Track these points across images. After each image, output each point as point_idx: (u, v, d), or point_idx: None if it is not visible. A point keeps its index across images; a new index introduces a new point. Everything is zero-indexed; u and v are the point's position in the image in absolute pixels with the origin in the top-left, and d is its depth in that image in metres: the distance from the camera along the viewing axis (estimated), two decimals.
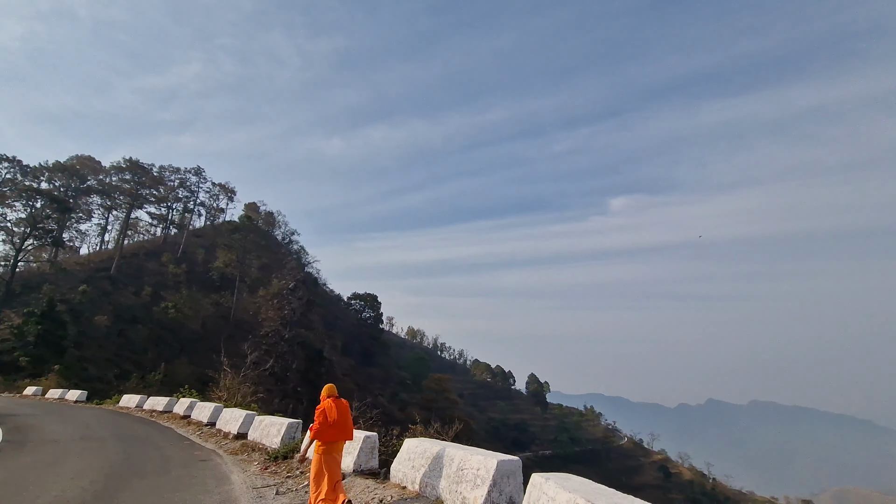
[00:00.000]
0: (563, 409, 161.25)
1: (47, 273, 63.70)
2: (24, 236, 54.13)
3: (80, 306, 54.98)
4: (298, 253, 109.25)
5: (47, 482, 8.94)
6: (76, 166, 77.80)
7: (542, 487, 4.40)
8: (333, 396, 7.01)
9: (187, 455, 12.12)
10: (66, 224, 66.92)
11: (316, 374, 67.07)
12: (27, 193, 57.33)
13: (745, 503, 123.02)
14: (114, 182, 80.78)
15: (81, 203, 75.67)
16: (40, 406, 25.77)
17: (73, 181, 74.54)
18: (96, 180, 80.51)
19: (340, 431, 6.76)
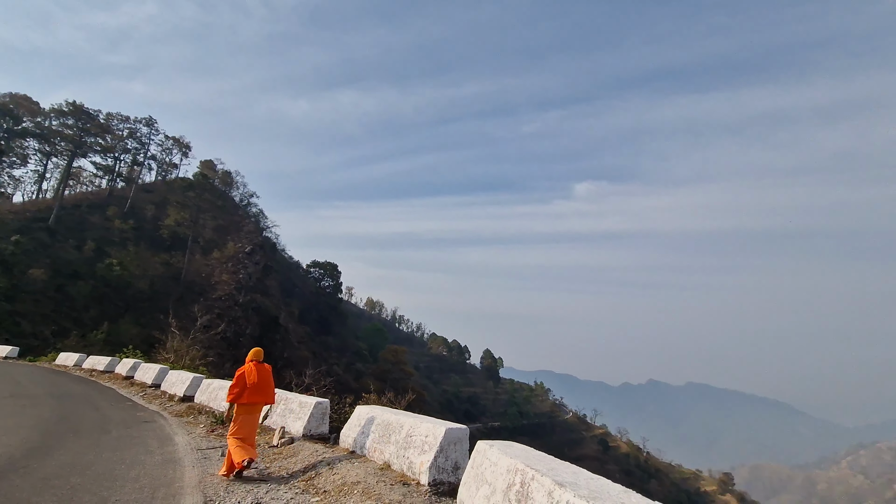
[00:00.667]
0: (515, 385, 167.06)
1: None
2: None
3: (12, 257, 51.06)
4: (257, 216, 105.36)
5: None
6: (10, 105, 70.79)
7: (486, 453, 4.58)
8: (256, 361, 7.18)
9: (129, 415, 11.76)
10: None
11: (270, 341, 66.07)
12: None
13: (673, 474, 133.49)
14: (54, 126, 74.20)
15: (15, 146, 69.35)
16: None
17: (5, 121, 67.97)
18: (33, 123, 73.64)
19: (258, 394, 6.96)
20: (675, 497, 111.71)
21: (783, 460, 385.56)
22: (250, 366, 7.12)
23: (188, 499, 5.72)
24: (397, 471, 6.24)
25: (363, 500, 5.36)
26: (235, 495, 5.90)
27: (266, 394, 7.11)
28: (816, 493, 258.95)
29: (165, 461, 7.48)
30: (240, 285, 65.37)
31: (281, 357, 65.28)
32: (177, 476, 6.68)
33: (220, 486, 6.24)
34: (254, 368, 7.08)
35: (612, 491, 3.10)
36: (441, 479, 5.73)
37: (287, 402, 9.52)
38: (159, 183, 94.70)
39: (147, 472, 6.83)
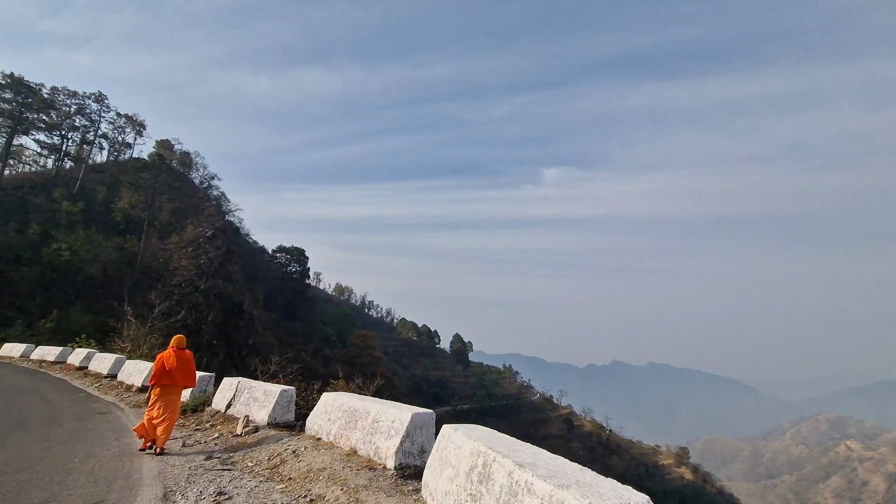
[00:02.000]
0: (484, 368, 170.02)
1: None
2: None
3: None
4: (218, 199, 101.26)
5: None
6: None
7: (451, 437, 4.66)
8: (177, 347, 7.86)
9: (82, 407, 11.28)
10: None
11: (234, 328, 64.53)
12: None
13: (633, 450, 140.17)
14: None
15: None
16: None
17: None
18: None
19: (176, 378, 7.65)
20: (635, 471, 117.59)
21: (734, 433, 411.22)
22: (170, 351, 7.77)
23: (147, 490, 5.57)
24: (364, 456, 6.27)
25: (329, 486, 5.37)
26: (198, 485, 5.79)
27: (186, 378, 7.79)
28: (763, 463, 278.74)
29: (122, 453, 7.25)
30: (200, 271, 63.14)
31: (246, 344, 63.92)
32: (135, 468, 6.49)
33: (180, 477, 6.11)
34: (173, 354, 7.71)
35: (569, 469, 3.24)
36: (407, 463, 5.81)
37: (251, 390, 9.36)
38: (111, 163, 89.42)
39: (102, 464, 6.60)
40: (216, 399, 10.19)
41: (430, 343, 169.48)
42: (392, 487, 5.25)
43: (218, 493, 5.50)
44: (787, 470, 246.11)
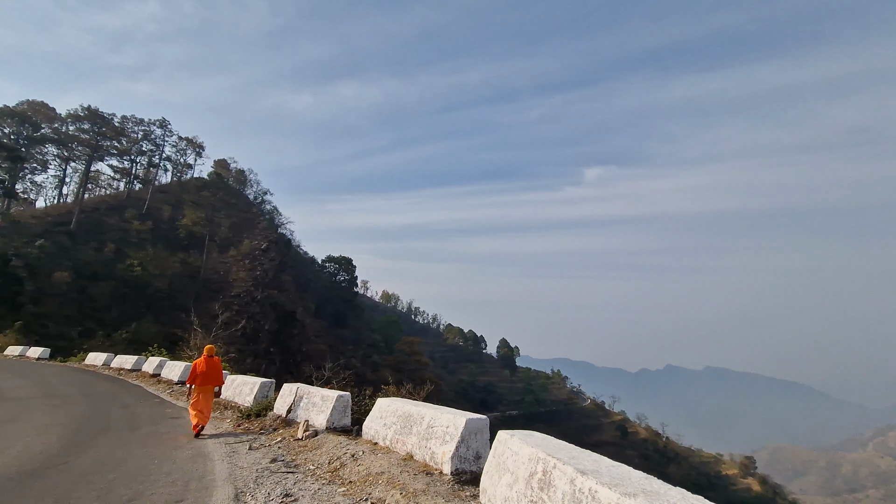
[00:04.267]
0: (531, 373, 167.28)
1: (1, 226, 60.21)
2: None
3: (36, 261, 52.57)
4: (271, 213, 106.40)
5: (10, 437, 8.83)
6: (27, 112, 72.39)
7: (507, 443, 4.66)
8: (207, 356, 9.77)
9: (157, 412, 12.14)
10: (18, 174, 62.90)
11: (288, 336, 67.15)
12: None
13: (692, 458, 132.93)
14: (71, 131, 75.74)
15: (35, 152, 70.98)
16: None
17: (24, 128, 69.58)
18: (51, 128, 75.26)
19: (207, 380, 9.57)
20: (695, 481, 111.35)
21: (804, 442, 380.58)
22: (201, 359, 9.67)
23: (220, 491, 5.93)
24: (420, 461, 6.37)
25: (388, 490, 5.49)
26: (265, 487, 6.09)
27: (215, 379, 9.77)
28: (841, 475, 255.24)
29: (195, 455, 7.73)
30: (256, 282, 66.39)
31: (299, 351, 66.33)
32: (207, 469, 6.91)
33: (249, 479, 6.45)
34: (204, 361, 9.63)
35: (634, 477, 3.16)
36: (463, 469, 5.85)
37: (309, 396, 9.73)
38: (174, 183, 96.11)
39: (178, 466, 7.07)
40: (277, 404, 10.67)
41: (476, 348, 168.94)
42: (450, 492, 5.30)
43: (284, 494, 5.76)
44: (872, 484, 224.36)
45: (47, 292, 49.86)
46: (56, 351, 32.02)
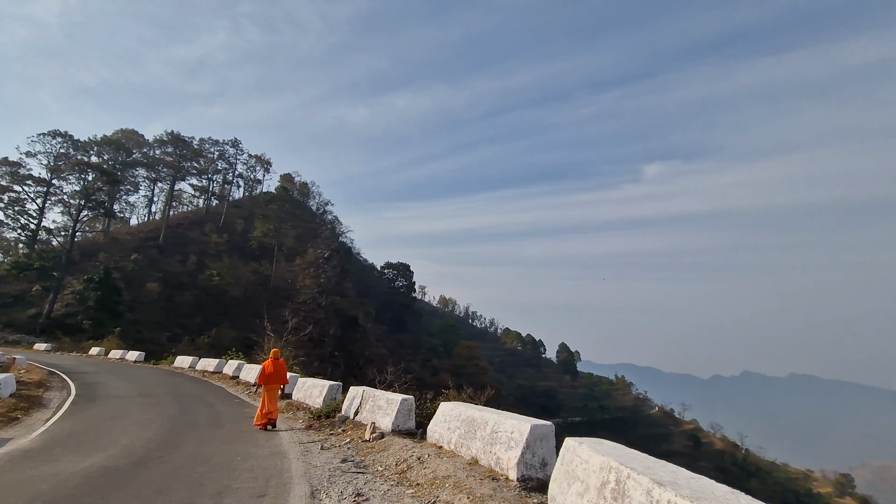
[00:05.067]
0: (593, 378, 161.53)
1: (101, 243, 67.70)
2: (79, 208, 57.38)
3: (132, 273, 58.47)
4: (332, 223, 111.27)
5: (116, 432, 9.89)
6: (122, 140, 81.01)
7: (576, 451, 4.57)
8: (273, 358, 11.18)
9: (238, 412, 13.06)
10: (116, 196, 70.44)
11: (351, 340, 69.56)
12: (80, 167, 60.39)
13: (777, 474, 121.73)
14: (157, 155, 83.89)
15: (129, 175, 79.16)
16: (104, 365, 28.03)
17: (119, 154, 77.86)
18: (141, 153, 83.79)
19: (274, 380, 10.97)
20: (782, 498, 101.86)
21: None
22: (269, 361, 11.18)
23: (297, 488, 6.29)
24: (485, 466, 6.39)
25: (455, 494, 5.56)
26: (338, 485, 6.38)
27: (281, 379, 11.14)
28: None
29: (273, 453, 8.25)
30: (321, 289, 69.53)
31: (362, 355, 68.49)
32: (284, 467, 7.35)
33: (322, 477, 6.78)
34: (272, 363, 11.10)
35: (718, 491, 2.98)
36: (529, 476, 5.79)
37: (375, 399, 10.05)
38: (246, 198, 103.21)
39: (259, 463, 7.58)
40: (345, 406, 11.12)
41: (534, 353, 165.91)
42: (516, 499, 5.28)
43: (356, 494, 6.00)
44: None
45: (141, 301, 55.23)
46: (149, 354, 35.35)
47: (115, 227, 79.26)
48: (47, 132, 61.42)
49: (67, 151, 63.31)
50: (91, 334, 44.26)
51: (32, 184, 59.10)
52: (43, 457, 7.85)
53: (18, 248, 65.31)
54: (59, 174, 59.52)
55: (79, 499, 5.71)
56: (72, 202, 59.49)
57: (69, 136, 64.00)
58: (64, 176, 59.95)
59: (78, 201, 58.07)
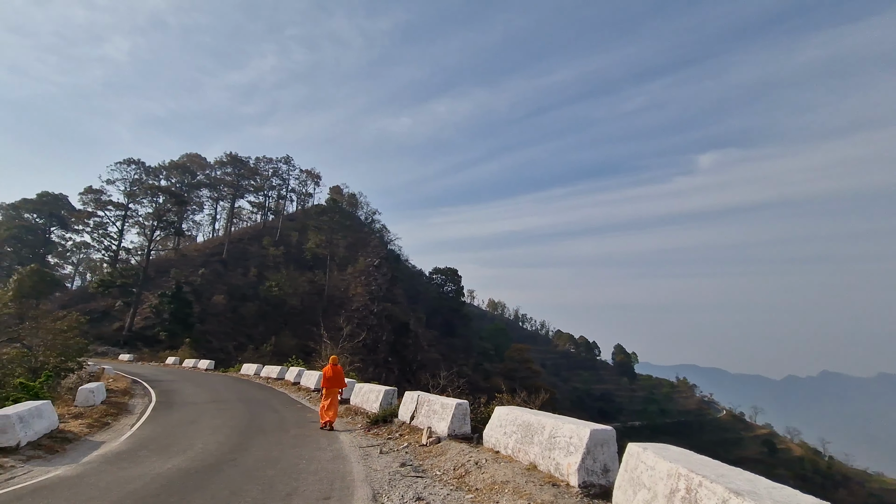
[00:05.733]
0: (653, 381, 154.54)
1: (173, 259, 73.13)
2: (152, 228, 62.41)
3: (200, 287, 62.65)
4: (380, 231, 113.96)
5: (192, 436, 10.62)
6: (186, 163, 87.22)
7: (640, 456, 4.40)
8: (332, 364, 12.23)
9: (300, 417, 13.63)
10: (183, 216, 75.87)
11: (403, 346, 70.65)
12: (151, 191, 65.67)
13: (870, 483, 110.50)
14: (218, 175, 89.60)
15: (194, 196, 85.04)
16: (179, 373, 30.18)
17: (185, 177, 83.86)
18: (204, 175, 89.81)
19: (333, 384, 11.94)
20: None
21: None
22: (328, 367, 12.22)
23: (359, 490, 6.49)
24: (544, 471, 6.28)
25: (515, 499, 5.52)
26: (398, 489, 6.51)
27: (339, 383, 12.08)
28: None
29: (335, 457, 8.55)
30: (372, 296, 71.23)
31: (415, 360, 69.37)
32: (346, 470, 7.59)
33: (383, 481, 6.94)
34: (330, 368, 12.12)
35: (804, 503, 2.76)
36: (591, 482, 5.63)
37: (430, 403, 10.16)
38: (299, 212, 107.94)
39: (323, 466, 7.88)
40: (401, 411, 11.32)
41: (588, 355, 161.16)
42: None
43: (416, 498, 6.10)
44: None
45: (209, 312, 59.00)
46: (219, 363, 37.66)
47: (183, 244, 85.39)
48: (123, 161, 67.22)
49: (140, 177, 68.96)
50: (167, 344, 47.82)
51: (112, 208, 65.04)
52: (131, 459, 8.58)
53: (103, 267, 71.87)
54: (134, 198, 64.99)
55: (164, 498, 6.19)
56: (146, 223, 64.78)
57: (141, 163, 69.74)
58: (138, 200, 65.38)
59: (151, 222, 63.16)
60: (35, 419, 9.53)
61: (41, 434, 9.58)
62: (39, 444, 9.19)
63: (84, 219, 66.39)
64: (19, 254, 72.37)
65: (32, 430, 9.28)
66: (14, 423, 8.76)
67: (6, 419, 8.73)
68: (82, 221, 67.00)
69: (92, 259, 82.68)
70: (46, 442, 9.44)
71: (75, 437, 10.48)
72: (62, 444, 9.73)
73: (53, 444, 9.51)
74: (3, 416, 8.75)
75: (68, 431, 10.69)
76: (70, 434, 10.54)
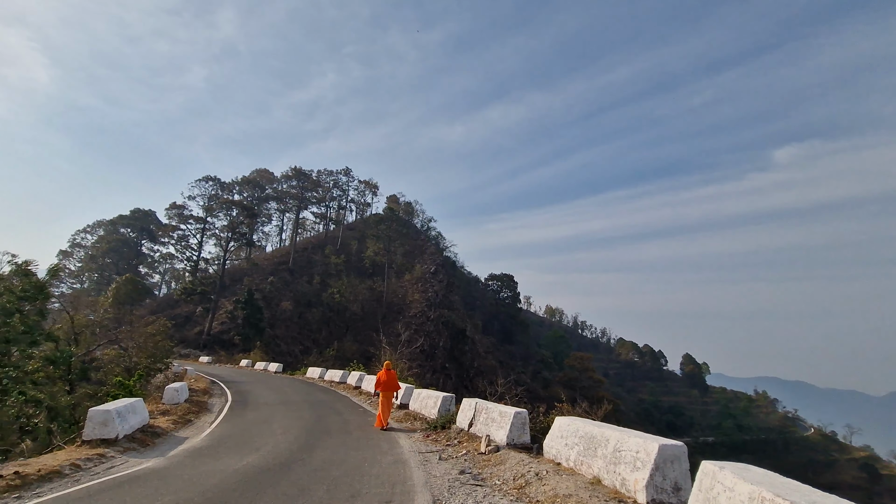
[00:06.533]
0: (727, 393, 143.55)
1: (245, 268, 78.39)
2: (227, 240, 67.40)
3: (269, 294, 66.59)
4: (436, 238, 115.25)
5: (266, 435, 11.28)
6: (256, 178, 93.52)
7: (717, 476, 4.12)
8: (386, 369, 13.17)
9: (363, 420, 14.05)
10: (254, 227, 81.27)
11: (460, 352, 70.79)
12: (226, 205, 71.04)
13: None
14: (284, 189, 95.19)
15: (263, 209, 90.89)
16: (251, 375, 32.18)
17: (255, 191, 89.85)
18: (271, 188, 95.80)
19: (388, 387, 12.82)
20: None
21: None
22: (382, 371, 13.14)
23: (420, 496, 6.57)
24: (609, 486, 6.04)
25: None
26: (458, 496, 6.52)
27: (393, 387, 12.97)
28: None
29: (396, 461, 8.72)
30: (429, 302, 72.12)
31: (472, 367, 69.24)
32: (407, 475, 7.71)
33: (443, 487, 6.99)
34: (384, 372, 12.99)
35: None
36: (661, 500, 5.34)
37: (488, 411, 10.11)
38: (358, 221, 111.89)
39: (384, 469, 8.07)
40: (459, 418, 11.35)
41: (654, 364, 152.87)
42: None
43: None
44: None
45: (278, 318, 62.51)
46: (286, 365, 39.73)
47: (254, 254, 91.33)
48: (202, 178, 73.33)
49: (217, 193, 74.80)
50: (240, 348, 51.22)
51: (193, 222, 71.10)
52: (211, 454, 9.27)
53: (185, 276, 78.52)
54: (211, 212, 70.57)
55: (240, 493, 6.62)
56: (221, 235, 70.06)
57: (217, 180, 75.66)
58: (215, 213, 70.91)
59: (226, 234, 68.24)
60: (130, 414, 10.56)
61: (135, 428, 10.59)
62: (133, 438, 10.17)
63: (169, 232, 73.15)
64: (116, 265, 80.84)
65: (128, 424, 10.28)
66: (114, 418, 9.76)
67: (108, 414, 9.75)
68: (168, 234, 73.84)
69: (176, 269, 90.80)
70: (139, 436, 10.42)
71: (163, 432, 11.49)
72: (152, 438, 10.71)
73: (145, 437, 10.49)
74: (105, 411, 9.79)
75: (157, 427, 11.74)
76: (158, 429, 11.58)
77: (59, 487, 6.97)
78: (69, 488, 6.92)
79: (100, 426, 9.62)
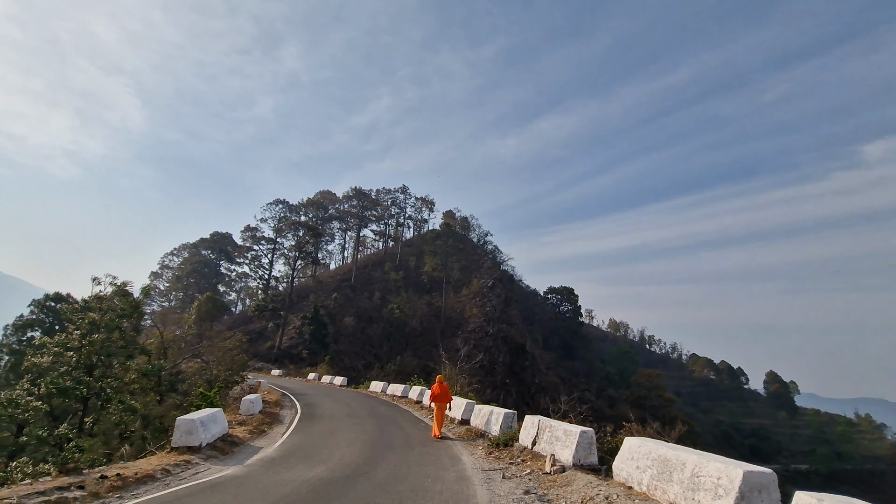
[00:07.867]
0: (822, 416, 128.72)
1: (311, 286, 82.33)
2: (295, 259, 71.34)
3: (333, 310, 69.30)
4: (493, 253, 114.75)
5: (333, 447, 11.66)
6: (320, 200, 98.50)
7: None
8: (439, 382, 14.09)
9: (424, 435, 14.13)
10: (319, 246, 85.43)
11: (520, 368, 69.37)
12: (293, 226, 75.36)
13: None
14: (345, 208, 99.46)
15: (327, 228, 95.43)
16: (317, 388, 33.46)
17: (319, 212, 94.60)
18: (334, 209, 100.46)
19: (441, 399, 13.85)
20: None
21: None
22: (436, 384, 14.08)
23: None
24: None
25: None
26: None
27: (446, 399, 13.97)
28: None
29: (459, 478, 8.67)
30: (487, 317, 71.61)
31: (532, 383, 67.55)
32: (470, 493, 7.63)
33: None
34: (438, 385, 13.96)
35: None
36: None
37: (552, 429, 9.81)
38: (416, 237, 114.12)
39: (447, 486, 8.04)
40: (521, 435, 11.09)
41: (733, 383, 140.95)
42: None
43: None
44: None
45: (342, 333, 64.80)
46: (350, 379, 40.93)
47: (319, 272, 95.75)
48: (272, 202, 78.43)
49: (285, 215, 79.58)
50: (308, 362, 53.54)
51: (265, 243, 76.04)
52: (283, 464, 9.73)
53: (258, 294, 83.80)
54: (280, 233, 75.12)
55: (311, 503, 6.88)
56: (289, 254, 74.24)
57: (286, 203, 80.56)
58: (284, 234, 75.40)
59: (294, 253, 72.24)
60: (212, 424, 11.36)
61: (216, 437, 11.37)
62: (215, 446, 10.92)
63: (244, 253, 78.70)
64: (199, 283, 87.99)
65: (210, 433, 11.06)
66: (198, 427, 10.55)
67: (192, 423, 10.56)
68: (242, 255, 79.53)
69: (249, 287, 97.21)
70: (220, 444, 11.17)
71: (240, 442, 12.23)
72: (231, 446, 11.43)
73: (225, 446, 11.22)
74: (190, 421, 10.61)
75: (235, 436, 12.52)
76: (236, 439, 12.34)
77: (153, 490, 7.63)
78: (160, 491, 7.56)
79: (185, 434, 10.43)
